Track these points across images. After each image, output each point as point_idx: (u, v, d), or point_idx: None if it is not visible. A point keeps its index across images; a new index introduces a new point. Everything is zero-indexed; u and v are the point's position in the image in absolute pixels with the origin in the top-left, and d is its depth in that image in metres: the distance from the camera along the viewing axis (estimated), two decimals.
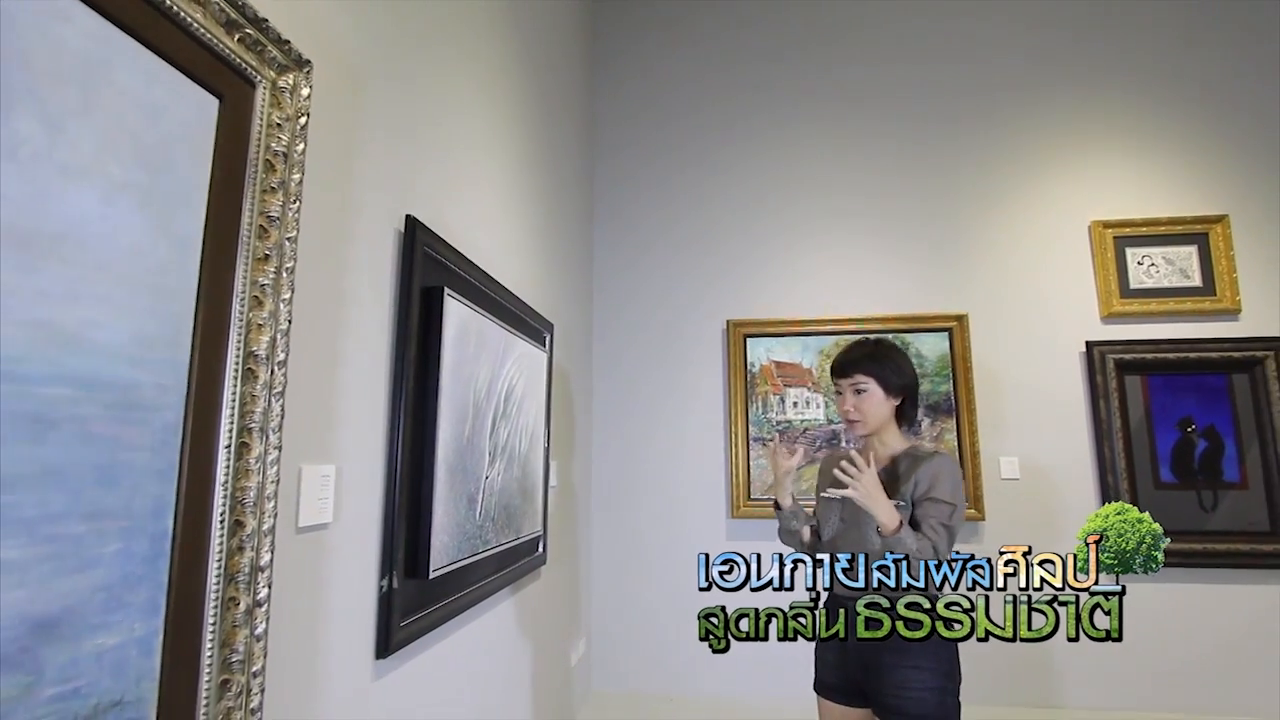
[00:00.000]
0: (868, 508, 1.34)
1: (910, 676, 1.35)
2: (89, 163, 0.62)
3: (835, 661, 1.50)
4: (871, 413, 1.52)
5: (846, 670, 1.46)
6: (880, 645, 1.33)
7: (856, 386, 1.52)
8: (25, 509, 0.56)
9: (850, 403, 1.53)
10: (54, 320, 0.58)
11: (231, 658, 0.77)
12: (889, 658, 1.37)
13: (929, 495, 1.39)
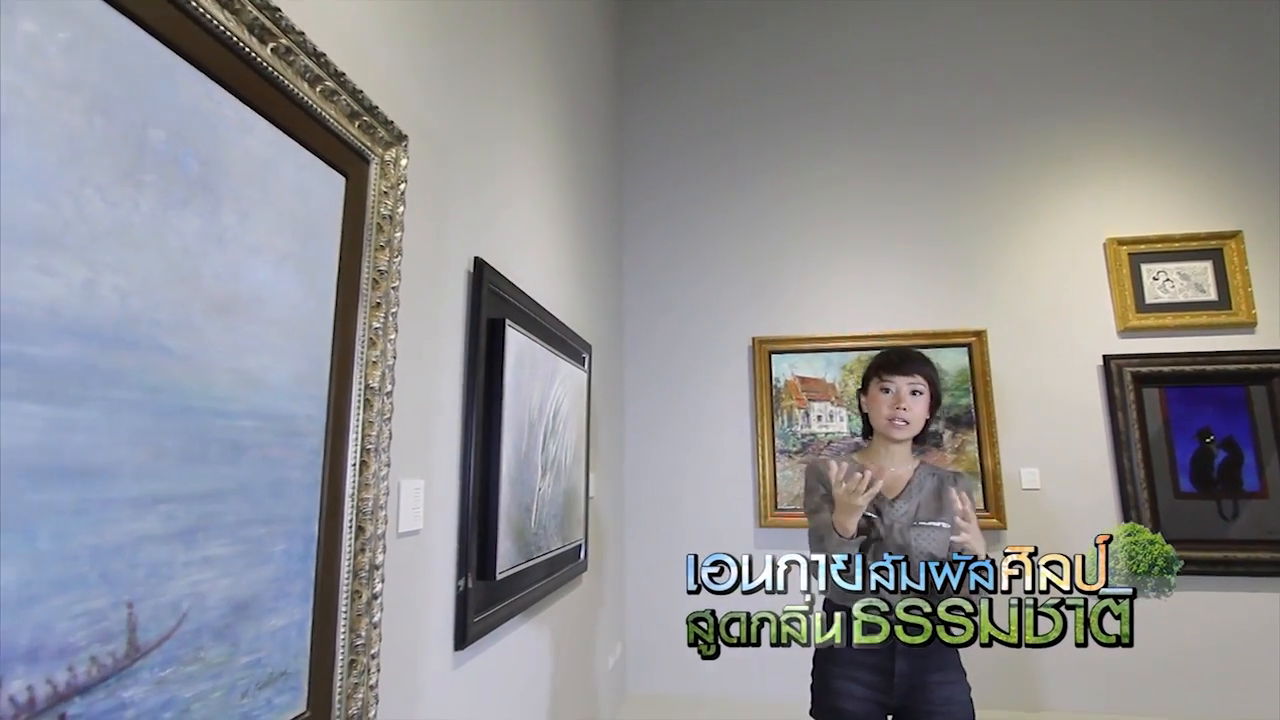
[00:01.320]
0: (973, 550, 1.25)
1: (955, 692, 1.35)
2: (265, 240, 0.79)
3: (867, 691, 1.37)
4: (918, 417, 1.44)
5: (888, 696, 1.36)
6: (927, 667, 1.34)
7: (915, 387, 1.43)
8: (227, 515, 0.72)
9: (906, 401, 1.42)
10: (245, 367, 0.75)
11: (356, 641, 0.92)
12: (936, 677, 1.35)
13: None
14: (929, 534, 1.38)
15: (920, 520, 1.40)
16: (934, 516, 1.39)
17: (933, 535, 1.38)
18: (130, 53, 0.62)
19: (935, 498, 1.42)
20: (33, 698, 0.51)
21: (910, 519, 1.40)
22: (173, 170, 0.66)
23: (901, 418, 1.42)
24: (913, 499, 1.43)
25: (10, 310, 0.51)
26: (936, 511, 1.40)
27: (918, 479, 1.45)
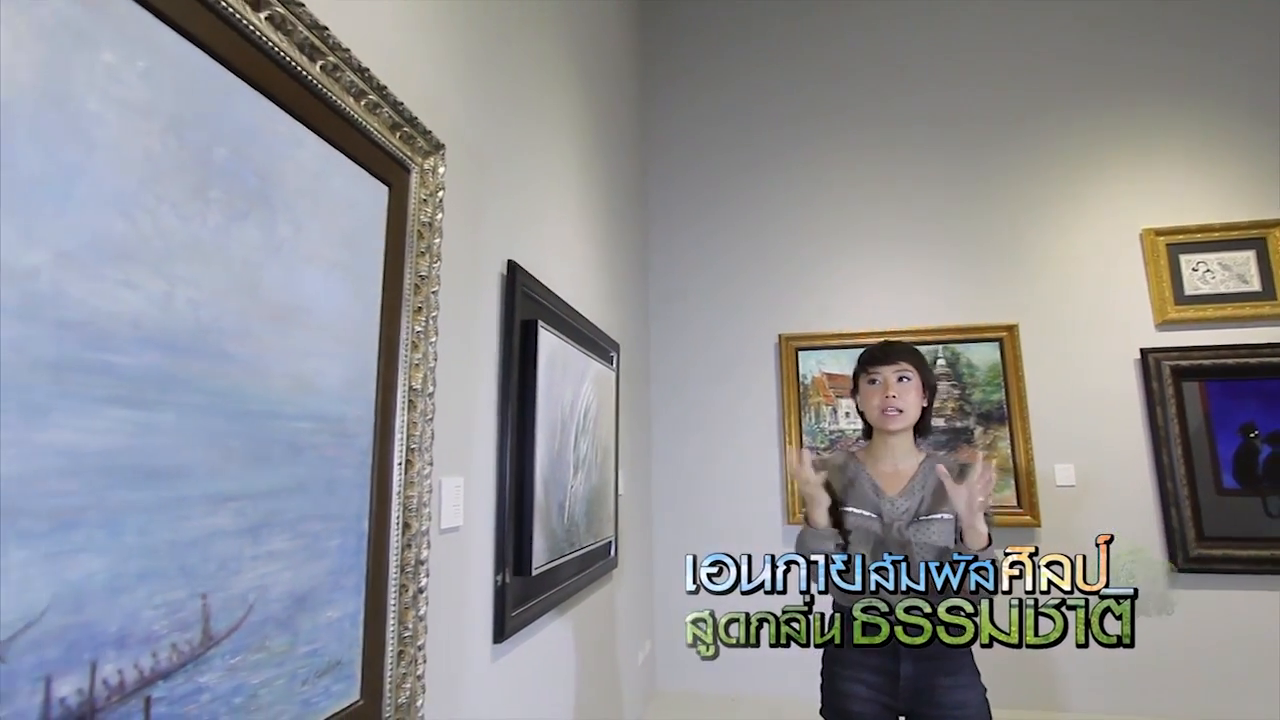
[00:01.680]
0: (972, 524, 1.25)
1: (967, 696, 1.30)
2: (316, 250, 0.82)
3: (873, 693, 1.35)
4: (911, 404, 1.39)
5: (894, 699, 1.33)
6: (935, 670, 1.30)
7: (901, 374, 1.40)
8: (288, 512, 0.76)
9: (895, 389, 1.38)
10: (301, 372, 0.78)
11: (404, 633, 0.96)
12: (944, 680, 1.30)
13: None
14: (932, 528, 1.32)
15: (922, 515, 1.34)
16: (937, 509, 1.34)
17: (936, 529, 1.32)
18: (197, 77, 0.66)
19: (940, 492, 1.35)
20: (122, 681, 0.55)
21: (912, 515, 1.35)
22: (234, 186, 0.70)
23: (893, 406, 1.38)
24: (915, 495, 1.37)
25: (100, 322, 0.55)
26: (938, 503, 1.35)
27: (921, 474, 1.40)
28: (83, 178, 0.54)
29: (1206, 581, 2.61)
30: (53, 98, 0.52)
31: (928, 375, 1.43)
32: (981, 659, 1.34)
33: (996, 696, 2.56)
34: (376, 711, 0.90)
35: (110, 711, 0.54)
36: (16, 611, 0.48)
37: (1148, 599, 1.13)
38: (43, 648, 0.50)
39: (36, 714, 0.49)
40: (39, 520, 0.50)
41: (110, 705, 0.54)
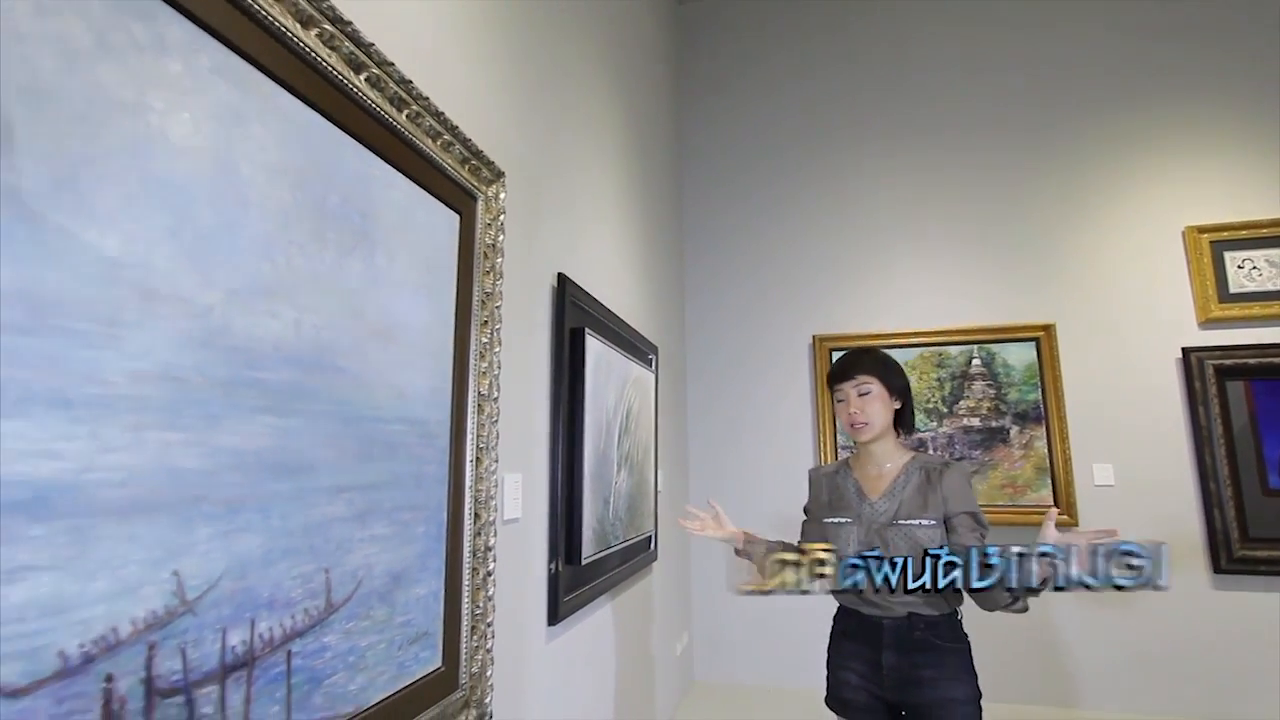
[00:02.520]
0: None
1: (952, 689, 1.31)
2: (406, 275, 0.95)
3: (862, 681, 1.40)
4: (876, 415, 1.43)
5: (879, 688, 1.37)
6: (919, 663, 1.32)
7: (860, 387, 1.44)
8: (386, 502, 0.88)
9: (855, 405, 1.44)
10: (395, 382, 0.91)
11: (476, 611, 1.09)
12: (929, 673, 1.32)
13: (964, 509, 1.35)
14: (908, 532, 1.33)
15: (900, 519, 1.36)
16: (915, 513, 1.35)
17: (915, 533, 1.33)
18: (314, 136, 0.79)
19: (919, 493, 1.37)
20: (272, 636, 0.68)
21: (889, 518, 1.37)
22: (344, 226, 0.83)
23: (857, 420, 1.44)
24: (895, 497, 1.39)
25: (253, 346, 0.67)
26: (920, 508, 1.35)
27: (904, 475, 1.42)
28: (242, 230, 0.67)
29: (1250, 584, 2.59)
30: (221, 167, 0.65)
31: (893, 380, 1.46)
32: (1011, 655, 1.38)
33: (1028, 692, 2.60)
34: (454, 678, 1.03)
35: (264, 660, 0.67)
36: (203, 576, 0.61)
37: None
38: (219, 606, 0.63)
39: (215, 658, 0.62)
40: (216, 506, 0.63)
41: (264, 655, 0.67)
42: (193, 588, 0.60)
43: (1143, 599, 2.66)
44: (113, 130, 0.55)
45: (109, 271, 0.54)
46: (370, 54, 0.86)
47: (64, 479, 0.50)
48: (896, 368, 1.50)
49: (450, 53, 1.17)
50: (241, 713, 0.64)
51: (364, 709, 0.82)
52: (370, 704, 0.83)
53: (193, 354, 0.61)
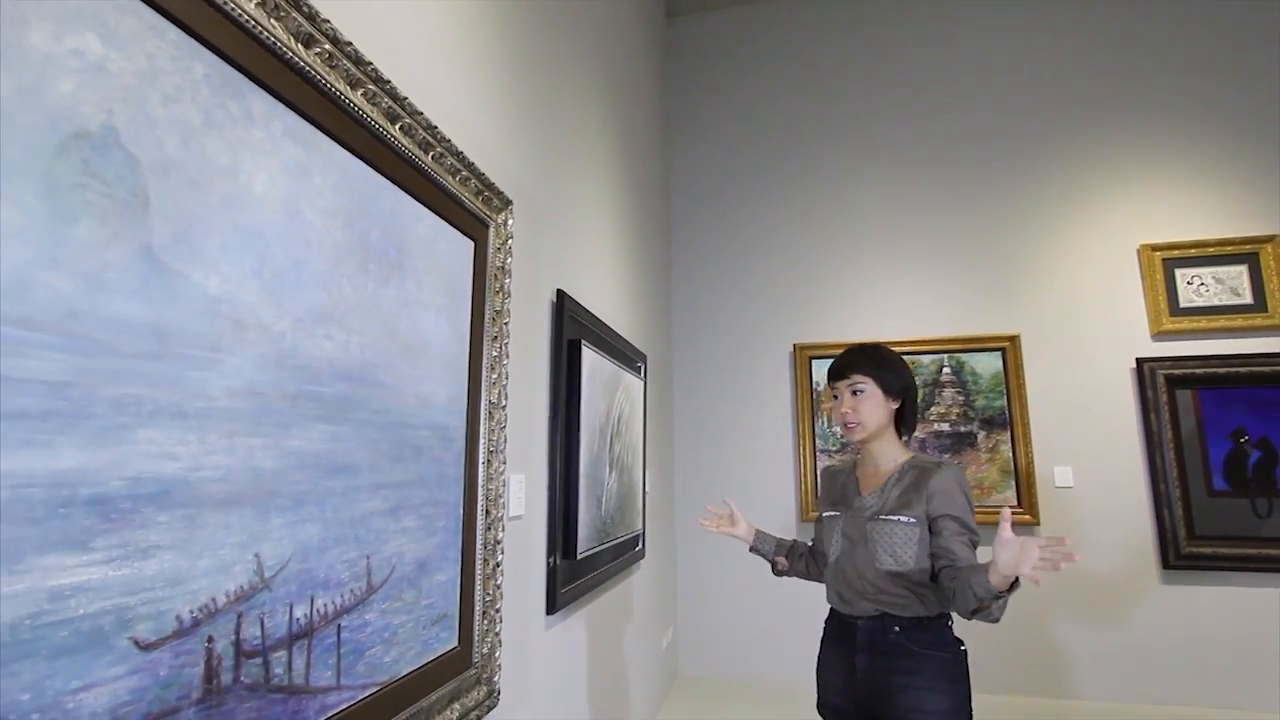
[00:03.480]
0: (1001, 576, 1.12)
1: (925, 699, 1.25)
2: (430, 299, 1.07)
3: (841, 685, 1.38)
4: (870, 415, 1.40)
5: (855, 694, 1.35)
6: (891, 668, 1.29)
7: (854, 386, 1.42)
8: (414, 499, 1.00)
9: (848, 404, 1.42)
10: (421, 392, 1.03)
11: (486, 597, 1.21)
12: (900, 679, 1.28)
13: (947, 512, 1.30)
14: (887, 528, 1.33)
15: (882, 514, 1.35)
16: (897, 510, 1.34)
17: (891, 529, 1.33)
18: (361, 182, 0.91)
19: (907, 491, 1.35)
20: (326, 612, 0.81)
21: (873, 513, 1.37)
22: (383, 258, 0.95)
23: (849, 420, 1.42)
24: (885, 493, 1.39)
25: (313, 365, 0.80)
26: (903, 505, 1.34)
27: (898, 473, 1.40)
28: (306, 266, 0.79)
29: (1197, 578, 2.78)
30: (290, 214, 0.77)
31: (890, 379, 1.42)
32: (1000, 646, 1.46)
33: (998, 683, 2.77)
34: (468, 657, 1.15)
35: (320, 632, 0.79)
36: (276, 557, 0.73)
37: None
38: (288, 583, 0.75)
39: (285, 628, 0.74)
40: (285, 499, 0.75)
41: (319, 628, 0.79)
42: (269, 568, 0.72)
43: (1097, 593, 2.84)
44: (215, 190, 0.67)
45: (211, 307, 0.66)
46: (404, 106, 0.99)
47: (179, 476, 0.62)
48: (897, 367, 1.44)
49: (461, 90, 1.29)
50: (303, 675, 0.76)
51: (396, 679, 0.94)
52: (400, 675, 0.95)
53: (270, 373, 0.73)
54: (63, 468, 0.52)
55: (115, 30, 0.57)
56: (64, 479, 0.52)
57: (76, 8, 0.54)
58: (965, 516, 1.31)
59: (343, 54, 0.85)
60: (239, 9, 0.70)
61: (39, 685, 0.49)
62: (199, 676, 0.63)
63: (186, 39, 0.64)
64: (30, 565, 0.49)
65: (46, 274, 0.51)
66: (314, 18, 0.80)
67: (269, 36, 0.74)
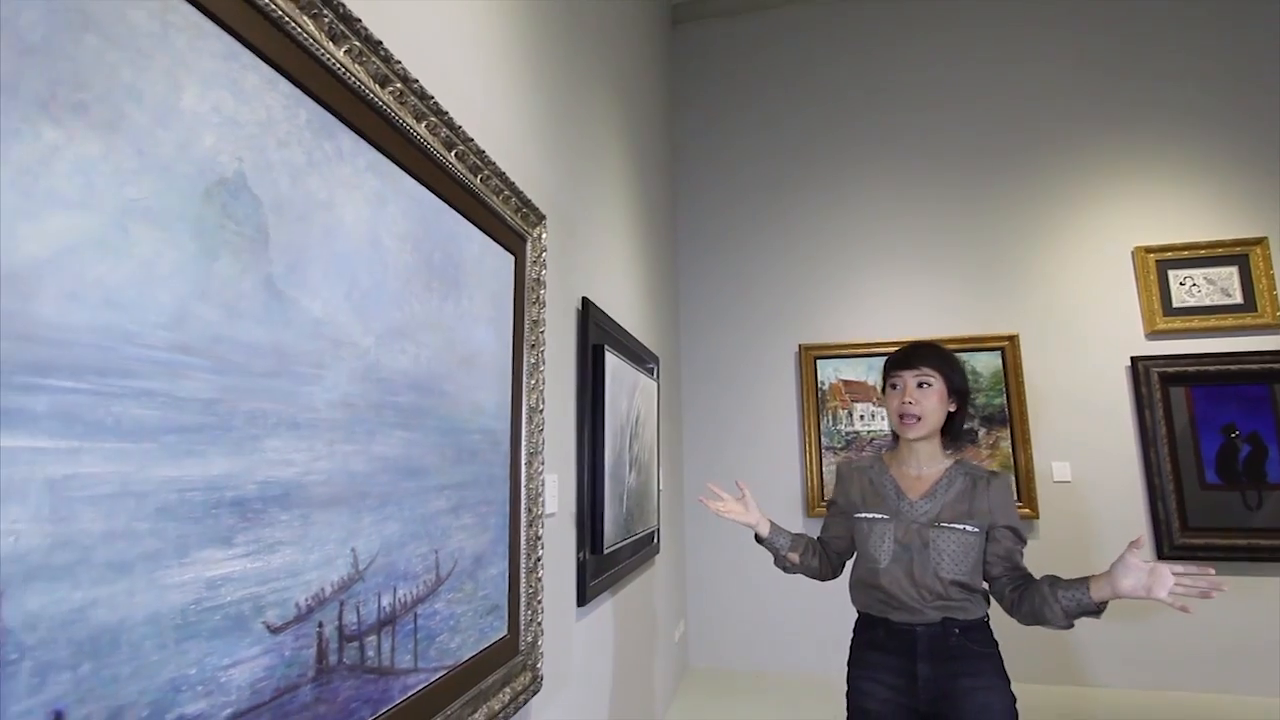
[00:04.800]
0: (1119, 594, 1.16)
1: (992, 700, 1.28)
2: (480, 311, 1.15)
3: (892, 694, 1.35)
4: (932, 410, 1.37)
5: (914, 701, 1.33)
6: (956, 671, 1.29)
7: (921, 379, 1.37)
8: (470, 498, 1.08)
9: (912, 395, 1.37)
10: (475, 400, 1.11)
11: (530, 590, 1.29)
12: (966, 682, 1.29)
13: (1008, 524, 1.33)
14: (951, 536, 1.32)
15: (943, 521, 1.34)
16: (960, 519, 1.33)
17: (955, 538, 1.32)
18: (425, 207, 0.99)
19: (963, 499, 1.34)
20: (406, 601, 0.88)
21: (931, 518, 1.35)
22: (444, 277, 1.03)
23: (910, 412, 1.37)
24: (938, 499, 1.37)
25: (391, 377, 0.87)
26: (964, 514, 1.33)
27: (946, 478, 1.39)
28: (384, 288, 0.87)
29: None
30: (372, 241, 0.85)
31: (956, 379, 1.39)
32: (1017, 635, 1.41)
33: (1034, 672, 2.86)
34: (516, 645, 1.23)
35: (401, 618, 0.87)
36: (367, 553, 0.81)
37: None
38: (376, 575, 0.83)
39: (375, 615, 0.82)
40: (373, 499, 0.83)
41: (400, 615, 0.87)
42: (362, 561, 0.80)
43: None
44: (316, 223, 0.75)
45: (315, 328, 0.74)
46: (458, 134, 1.06)
47: (295, 480, 0.70)
48: (961, 368, 1.42)
49: (497, 108, 1.36)
50: (389, 658, 0.84)
51: (460, 663, 1.02)
52: (463, 660, 1.03)
53: (359, 385, 0.81)
54: (213, 474, 0.60)
55: (242, 87, 0.65)
56: (214, 483, 0.60)
57: (215, 69, 0.62)
58: (1020, 527, 1.36)
59: (411, 91, 0.93)
60: (332, 57, 0.77)
61: (201, 662, 0.57)
62: (313, 657, 0.71)
63: (294, 89, 0.72)
64: (194, 558, 0.57)
65: (198, 305, 0.59)
66: (389, 59, 0.87)
67: (354, 80, 0.81)
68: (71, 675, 0.47)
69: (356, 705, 0.78)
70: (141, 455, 0.53)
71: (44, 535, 0.46)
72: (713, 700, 2.93)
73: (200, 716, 0.57)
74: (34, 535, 0.45)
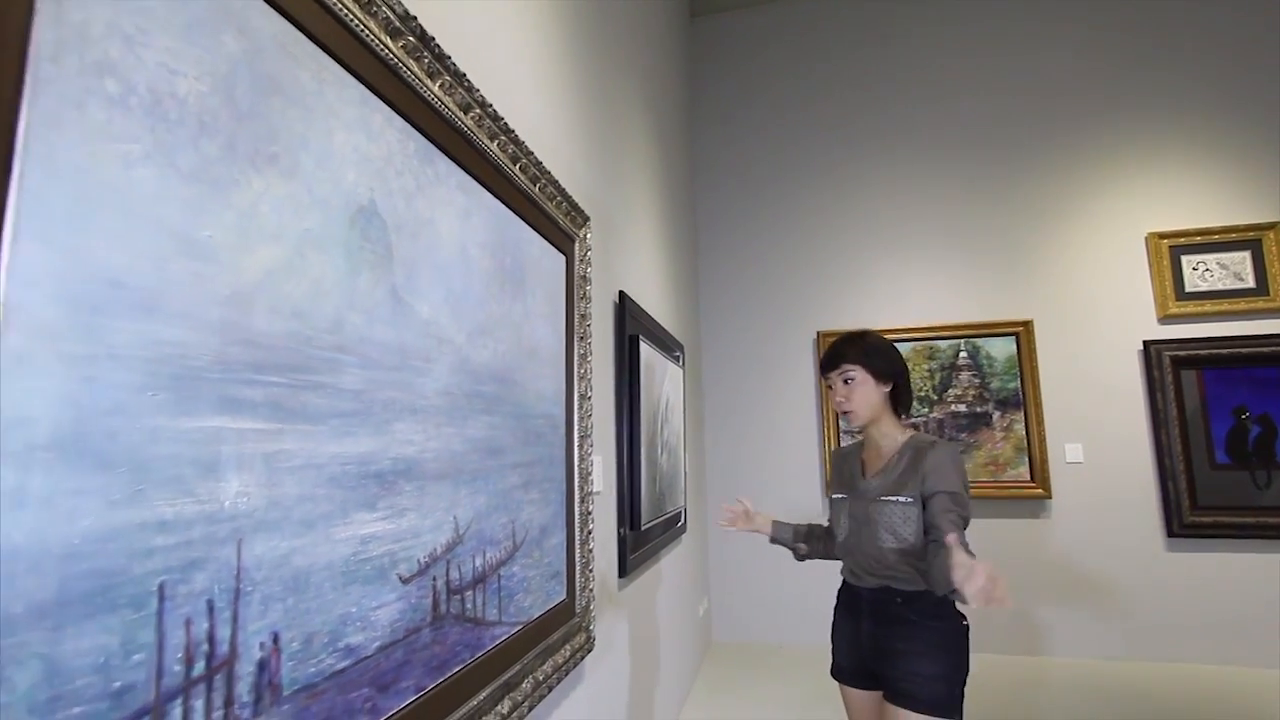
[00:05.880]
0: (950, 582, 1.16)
1: (922, 665, 1.33)
2: (540, 308, 1.27)
3: (849, 648, 1.49)
4: (863, 401, 1.46)
5: (860, 655, 1.45)
6: (894, 634, 1.38)
7: (845, 375, 1.47)
8: (536, 476, 1.21)
9: (841, 393, 1.48)
10: (539, 388, 1.24)
11: (583, 560, 1.42)
12: (902, 645, 1.36)
13: (939, 489, 1.34)
14: (889, 508, 1.39)
15: (883, 495, 1.41)
16: (896, 491, 1.40)
17: (893, 510, 1.39)
18: (498, 217, 1.11)
19: (907, 472, 1.41)
20: (492, 563, 1.02)
21: (876, 494, 1.43)
22: (513, 278, 1.15)
23: (844, 408, 1.49)
24: (887, 474, 1.44)
25: (477, 370, 1.00)
26: (900, 487, 1.40)
27: (898, 454, 1.45)
28: (470, 291, 0.99)
29: (1199, 545, 2.98)
30: (460, 250, 0.97)
31: (878, 364, 1.47)
32: (1001, 609, 1.55)
33: (1014, 644, 2.99)
34: (573, 608, 1.36)
35: (488, 578, 1.01)
36: (464, 521, 0.94)
37: None
38: (470, 541, 0.96)
39: (470, 574, 0.95)
40: (467, 475, 0.96)
41: (487, 575, 1.01)
42: (461, 527, 0.93)
43: (1105, 560, 3.05)
44: (423, 238, 0.87)
45: (424, 329, 0.86)
46: (521, 148, 1.18)
47: (414, 457, 0.83)
48: (884, 352, 1.50)
49: (546, 116, 1.48)
50: (481, 610, 0.98)
51: (532, 620, 1.16)
52: (534, 618, 1.17)
53: (456, 377, 0.93)
54: (362, 451, 0.73)
55: (371, 127, 0.77)
56: (363, 459, 0.73)
57: (353, 114, 0.74)
58: (957, 492, 1.33)
59: (486, 114, 1.05)
60: (430, 91, 0.89)
61: (359, 603, 0.71)
62: (429, 605, 0.84)
63: (405, 124, 0.84)
64: (351, 519, 0.70)
65: (349, 313, 0.72)
66: (471, 89, 0.99)
67: (446, 110, 0.93)
68: (282, 605, 0.60)
69: (460, 649, 0.91)
70: (318, 435, 0.66)
71: (263, 497, 0.59)
72: (736, 672, 3.08)
73: (359, 646, 0.70)
74: (258, 497, 0.58)
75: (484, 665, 0.97)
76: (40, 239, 0.42)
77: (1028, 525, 3.15)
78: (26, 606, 0.41)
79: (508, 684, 1.04)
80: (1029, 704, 2.61)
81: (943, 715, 1.30)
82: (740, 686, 2.89)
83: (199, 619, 0.52)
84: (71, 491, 0.43)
